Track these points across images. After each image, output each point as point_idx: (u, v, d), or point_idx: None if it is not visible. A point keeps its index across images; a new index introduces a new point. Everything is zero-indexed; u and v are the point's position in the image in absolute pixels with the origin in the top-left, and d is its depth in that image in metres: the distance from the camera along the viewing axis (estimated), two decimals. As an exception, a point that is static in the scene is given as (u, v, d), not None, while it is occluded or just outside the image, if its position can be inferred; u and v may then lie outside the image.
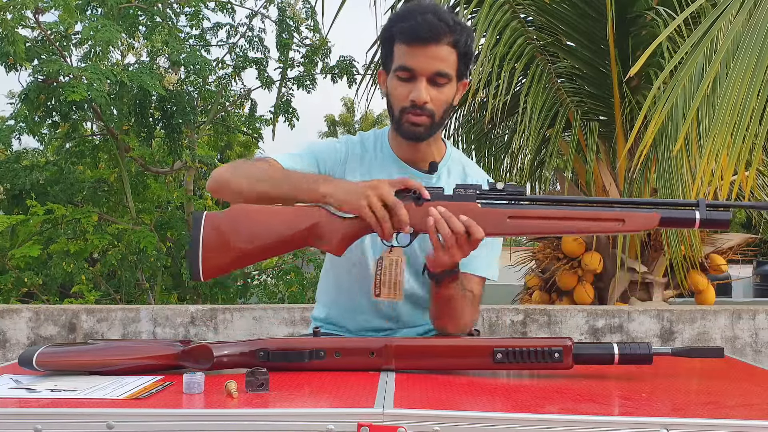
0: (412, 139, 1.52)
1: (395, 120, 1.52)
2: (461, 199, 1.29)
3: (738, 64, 2.50)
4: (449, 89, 1.49)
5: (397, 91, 1.49)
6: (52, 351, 1.12)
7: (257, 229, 1.31)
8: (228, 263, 1.31)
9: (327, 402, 0.97)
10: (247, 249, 1.30)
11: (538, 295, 4.07)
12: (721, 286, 7.76)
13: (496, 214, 1.28)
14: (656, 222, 1.25)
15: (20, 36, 4.10)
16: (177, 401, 0.96)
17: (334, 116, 23.85)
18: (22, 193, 4.99)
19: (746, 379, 1.27)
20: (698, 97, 2.56)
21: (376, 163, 1.60)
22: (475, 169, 1.66)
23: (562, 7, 3.80)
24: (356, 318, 1.60)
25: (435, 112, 1.48)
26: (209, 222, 1.31)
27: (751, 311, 2.91)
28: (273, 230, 1.31)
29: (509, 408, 0.96)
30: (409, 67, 1.46)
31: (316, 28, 5.55)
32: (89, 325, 2.88)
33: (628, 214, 1.25)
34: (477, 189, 1.30)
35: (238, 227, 1.31)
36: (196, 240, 1.29)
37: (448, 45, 1.45)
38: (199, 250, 1.29)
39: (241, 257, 1.31)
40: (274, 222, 1.32)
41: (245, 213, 1.33)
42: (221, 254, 1.30)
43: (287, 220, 1.33)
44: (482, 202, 1.29)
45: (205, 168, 6.01)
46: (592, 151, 3.67)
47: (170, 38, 4.66)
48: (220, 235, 1.30)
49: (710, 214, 1.24)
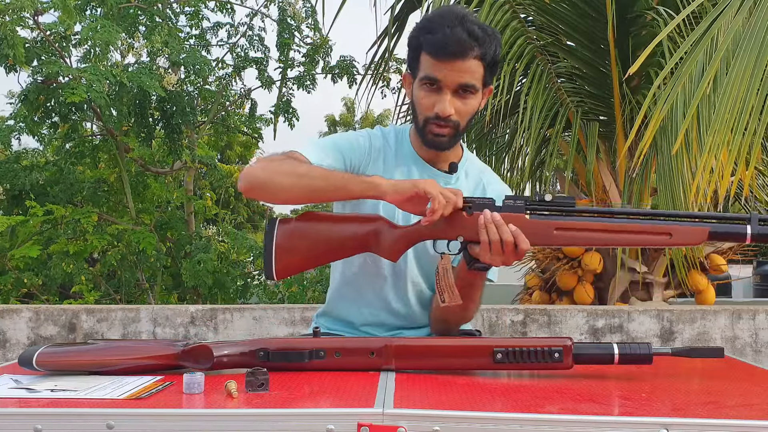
0: (434, 148, 1.55)
1: (419, 128, 1.54)
2: (510, 210, 1.32)
3: (738, 63, 2.50)
4: (474, 100, 1.51)
5: (423, 101, 1.50)
6: (52, 351, 1.12)
7: (325, 234, 1.41)
8: (299, 266, 1.42)
9: (327, 402, 0.97)
10: (315, 252, 1.41)
11: (538, 295, 4.07)
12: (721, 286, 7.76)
13: (544, 225, 1.30)
14: (705, 236, 1.25)
15: (20, 38, 4.10)
16: (177, 401, 0.96)
17: (334, 116, 23.84)
18: (22, 194, 4.98)
19: (746, 379, 1.27)
20: (698, 96, 2.57)
21: (396, 159, 1.60)
22: (491, 175, 1.68)
23: (562, 7, 3.79)
24: (362, 311, 1.60)
25: (459, 123, 1.50)
26: (282, 227, 1.41)
27: (751, 311, 2.91)
28: (337, 235, 1.41)
29: (509, 408, 0.96)
30: (435, 78, 1.47)
31: (316, 27, 5.55)
32: (89, 325, 2.88)
33: (676, 228, 1.26)
34: (526, 200, 1.33)
35: (307, 232, 1.41)
36: (269, 244, 1.39)
37: (475, 59, 1.46)
38: (272, 251, 1.38)
39: (310, 260, 1.42)
40: (339, 228, 1.43)
41: (315, 219, 1.44)
42: (292, 257, 1.40)
43: (350, 226, 1.43)
44: (530, 213, 1.32)
45: (205, 168, 6.01)
46: (592, 151, 3.67)
47: (170, 38, 4.65)
48: (292, 239, 1.40)
49: (762, 229, 1.24)
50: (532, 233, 1.30)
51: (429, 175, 1.58)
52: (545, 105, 3.72)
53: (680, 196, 3.04)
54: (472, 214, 1.33)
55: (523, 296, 4.30)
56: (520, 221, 1.31)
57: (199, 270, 4.63)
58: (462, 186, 1.60)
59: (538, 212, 1.32)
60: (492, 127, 4.51)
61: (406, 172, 1.58)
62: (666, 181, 3.16)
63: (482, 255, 1.33)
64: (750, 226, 1.23)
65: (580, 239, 1.29)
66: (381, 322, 1.59)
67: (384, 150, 1.61)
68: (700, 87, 2.57)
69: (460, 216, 1.34)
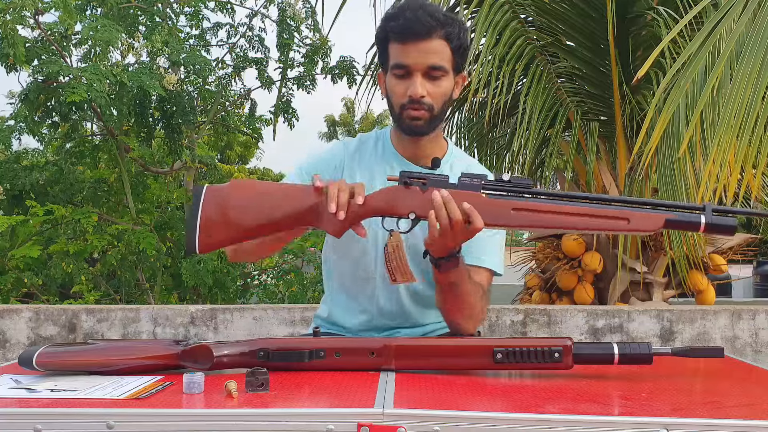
0: (413, 133, 1.54)
1: (396, 117, 1.54)
2: (466, 188, 1.29)
3: (743, 65, 2.48)
4: (446, 82, 1.51)
5: (395, 89, 1.51)
6: (52, 351, 1.12)
7: (259, 204, 1.30)
8: (226, 238, 1.30)
9: (327, 402, 0.97)
10: (246, 224, 1.29)
11: (538, 295, 4.07)
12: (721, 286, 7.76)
13: (500, 205, 1.27)
14: (661, 223, 1.24)
15: (20, 38, 4.10)
16: (177, 401, 0.96)
17: (334, 116, 23.84)
18: (22, 194, 4.98)
19: (746, 379, 1.27)
20: (702, 101, 2.54)
21: (376, 159, 1.61)
22: (477, 168, 1.66)
23: (562, 7, 3.80)
24: (358, 317, 1.60)
25: (434, 105, 1.50)
26: (210, 195, 1.30)
27: (751, 311, 2.91)
28: (275, 206, 1.30)
29: (509, 408, 0.96)
30: (403, 64, 1.49)
31: (316, 28, 5.55)
32: (89, 325, 2.88)
33: (633, 214, 1.24)
34: (483, 179, 1.30)
35: (239, 201, 1.30)
36: (195, 213, 1.28)
37: (440, 38, 1.47)
38: (197, 222, 1.28)
39: (240, 232, 1.30)
40: (276, 197, 1.31)
41: (249, 187, 1.33)
42: (220, 228, 1.29)
43: (288, 198, 1.32)
44: (487, 192, 1.29)
45: (205, 168, 6.01)
46: (592, 151, 3.67)
47: (170, 38, 4.66)
48: (221, 208, 1.29)
49: (716, 219, 1.23)
50: (488, 212, 1.27)
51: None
52: (545, 105, 3.72)
53: (682, 196, 3.04)
54: (427, 191, 1.30)
55: (523, 296, 4.30)
56: (476, 199, 1.28)
57: (199, 270, 4.63)
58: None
59: (495, 192, 1.29)
60: (492, 127, 4.51)
61: (388, 170, 1.58)
62: (667, 181, 3.16)
63: (432, 235, 1.30)
64: (704, 216, 1.23)
65: (537, 221, 1.26)
66: (376, 326, 1.60)
67: (359, 152, 1.63)
68: (705, 91, 2.54)
69: (414, 192, 1.30)
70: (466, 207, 1.27)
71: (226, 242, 1.31)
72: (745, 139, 2.48)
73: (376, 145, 1.64)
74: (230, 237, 1.30)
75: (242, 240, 1.33)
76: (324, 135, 24.13)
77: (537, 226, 1.28)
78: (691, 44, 2.57)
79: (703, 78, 2.74)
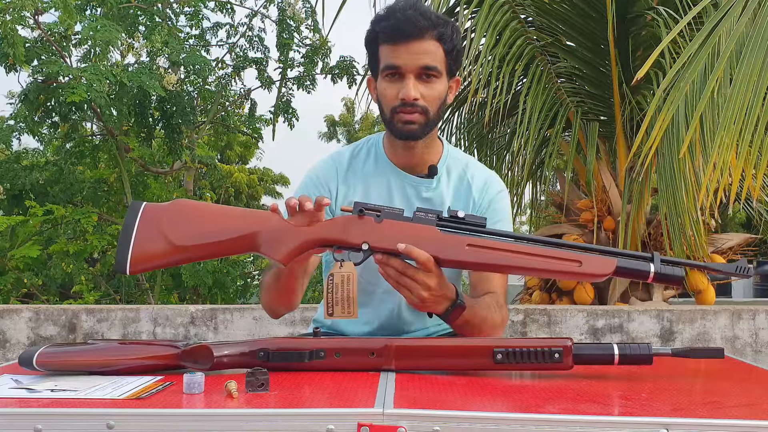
0: (406, 138, 1.49)
1: (387, 122, 1.49)
2: (420, 222, 1.26)
3: (743, 68, 2.46)
4: (440, 84, 1.46)
5: (387, 92, 1.46)
6: (52, 351, 1.12)
7: (199, 227, 1.22)
8: (161, 260, 1.22)
9: (327, 402, 0.97)
10: (184, 247, 1.21)
11: (538, 295, 4.07)
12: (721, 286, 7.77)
13: (455, 240, 1.24)
14: (612, 269, 1.21)
15: (20, 38, 4.11)
16: (177, 401, 0.96)
17: (334, 116, 23.81)
18: (22, 194, 4.99)
19: (746, 379, 1.27)
20: (702, 103, 2.53)
21: (371, 173, 1.56)
22: (476, 168, 1.62)
23: (562, 7, 3.80)
24: (360, 327, 1.59)
25: (428, 108, 1.45)
26: (148, 213, 1.23)
27: (751, 311, 2.91)
28: (217, 230, 1.22)
29: (509, 408, 0.96)
30: (395, 65, 1.44)
31: (316, 28, 5.56)
32: (89, 325, 2.88)
33: (585, 257, 1.22)
34: (438, 214, 1.27)
35: (178, 222, 1.22)
36: (129, 230, 1.20)
37: (432, 39, 1.43)
38: (130, 241, 1.20)
39: (177, 255, 1.22)
40: (219, 222, 1.24)
41: (190, 207, 1.26)
42: (155, 249, 1.20)
43: (234, 221, 1.24)
44: (442, 228, 1.26)
45: (205, 168, 6.02)
46: (592, 151, 3.67)
47: (170, 38, 4.66)
48: (158, 228, 1.21)
49: (664, 269, 1.21)
50: (442, 246, 1.23)
51: (408, 185, 1.55)
52: (545, 105, 3.72)
53: (682, 196, 3.04)
54: (382, 222, 1.25)
55: (523, 296, 4.30)
56: (430, 233, 1.24)
57: (199, 270, 4.63)
58: (444, 186, 1.56)
59: (450, 228, 1.26)
60: (492, 127, 4.51)
61: (385, 183, 1.55)
62: (667, 181, 3.16)
63: (410, 301, 1.30)
64: (653, 264, 1.21)
65: (491, 259, 1.23)
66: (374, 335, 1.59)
67: (352, 167, 1.58)
68: (705, 93, 2.53)
69: (367, 222, 1.25)
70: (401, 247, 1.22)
71: (160, 264, 1.23)
72: (745, 141, 2.47)
73: (369, 156, 1.59)
74: (165, 260, 1.22)
75: (177, 263, 1.26)
76: (324, 135, 24.11)
77: (490, 263, 1.24)
78: (690, 45, 2.56)
79: (702, 79, 2.73)
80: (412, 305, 1.33)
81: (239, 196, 13.53)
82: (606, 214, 3.81)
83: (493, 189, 1.60)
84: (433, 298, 1.29)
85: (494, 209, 1.58)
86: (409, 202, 1.53)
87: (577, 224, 3.91)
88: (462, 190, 1.58)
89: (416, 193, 1.56)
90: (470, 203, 1.57)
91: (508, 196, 1.64)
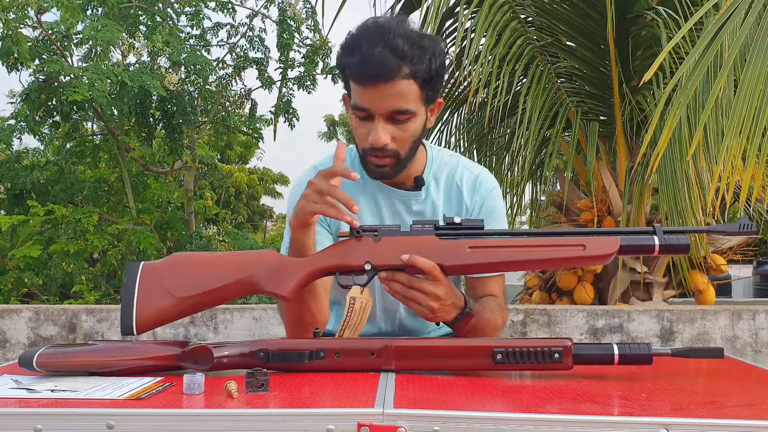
0: (379, 179, 1.46)
1: (361, 157, 1.44)
2: (419, 234, 1.25)
3: (748, 74, 2.44)
4: (413, 124, 1.37)
5: (358, 131, 1.39)
6: (52, 352, 1.12)
7: (201, 277, 1.22)
8: (167, 314, 1.21)
9: (327, 402, 0.97)
10: (188, 297, 1.21)
11: (538, 295, 4.08)
12: (721, 286, 7.77)
13: (456, 245, 1.23)
14: (616, 247, 1.20)
15: (23, 36, 4.11)
16: (177, 402, 0.96)
17: (334, 116, 23.82)
18: (23, 193, 4.99)
19: (746, 379, 1.27)
20: (706, 112, 2.50)
21: (357, 191, 1.50)
22: (464, 168, 1.57)
23: (562, 7, 3.80)
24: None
25: (399, 151, 1.38)
26: (147, 271, 1.22)
27: (751, 311, 2.91)
28: (217, 276, 1.22)
29: (509, 408, 0.96)
30: (363, 108, 1.34)
31: (316, 28, 5.56)
32: (89, 325, 2.88)
33: (588, 240, 1.21)
34: (434, 224, 1.26)
35: (178, 275, 1.22)
36: (130, 292, 1.20)
37: (404, 79, 1.31)
38: (133, 303, 1.20)
39: (181, 306, 1.21)
40: (218, 269, 1.23)
41: (188, 260, 1.26)
42: (159, 305, 1.20)
43: (233, 265, 1.24)
44: (440, 234, 1.25)
45: (206, 168, 6.02)
46: (592, 151, 3.67)
47: (171, 38, 4.66)
48: (159, 284, 1.21)
49: (669, 239, 1.21)
50: (445, 254, 1.22)
51: (396, 200, 1.51)
52: (545, 105, 3.72)
53: (684, 196, 3.04)
54: (381, 240, 1.24)
55: (523, 296, 4.31)
56: (430, 243, 1.23)
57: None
58: (434, 194, 1.53)
59: (449, 234, 1.25)
60: (492, 127, 4.51)
61: (372, 201, 1.51)
62: (668, 181, 3.16)
63: (419, 313, 1.28)
64: (656, 237, 1.20)
65: (495, 257, 1.22)
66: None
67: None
68: (709, 101, 2.49)
69: (366, 242, 1.24)
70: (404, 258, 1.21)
71: (166, 318, 1.22)
72: (754, 146, 2.43)
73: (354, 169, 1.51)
74: (171, 313, 1.22)
75: (181, 315, 1.24)
76: (324, 135, 24.13)
77: (495, 262, 1.23)
78: (693, 50, 2.50)
79: (705, 80, 2.71)
80: (423, 317, 1.31)
81: (239, 195, 13.54)
82: (606, 214, 3.81)
83: (484, 188, 1.56)
84: (443, 307, 1.28)
85: (488, 209, 1.55)
86: (401, 218, 1.51)
87: (577, 224, 3.92)
88: (452, 195, 1.54)
89: (406, 208, 1.52)
90: (462, 208, 1.54)
91: (500, 193, 1.60)
